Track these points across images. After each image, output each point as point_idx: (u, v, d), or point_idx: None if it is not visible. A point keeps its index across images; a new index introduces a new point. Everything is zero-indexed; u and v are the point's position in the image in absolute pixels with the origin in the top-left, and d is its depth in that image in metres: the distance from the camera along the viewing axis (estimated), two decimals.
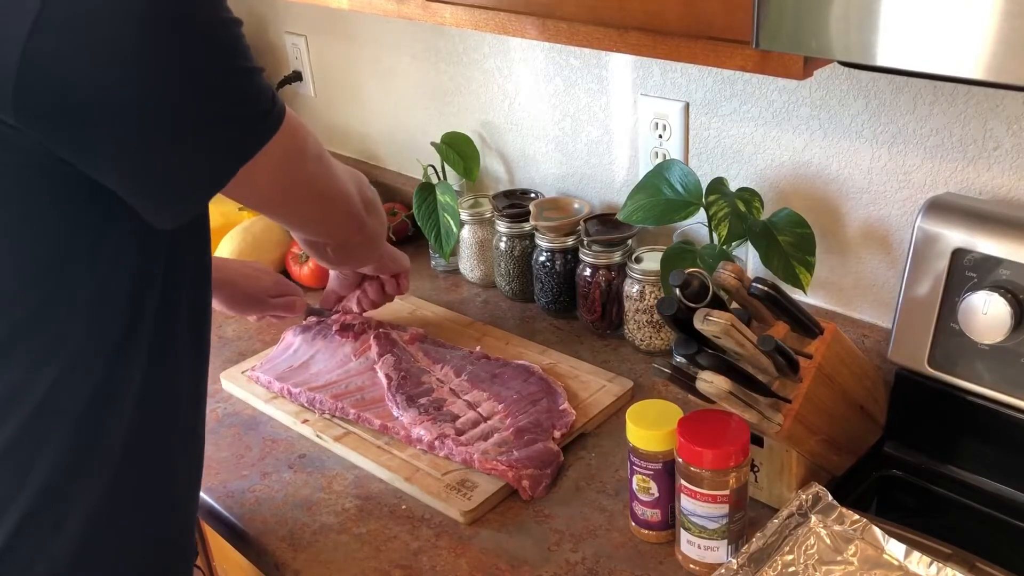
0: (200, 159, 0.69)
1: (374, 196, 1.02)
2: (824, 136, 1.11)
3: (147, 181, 0.69)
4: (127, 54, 0.62)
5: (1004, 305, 0.88)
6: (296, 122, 0.77)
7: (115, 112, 0.64)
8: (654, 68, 1.25)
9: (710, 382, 0.83)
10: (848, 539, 0.83)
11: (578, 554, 0.94)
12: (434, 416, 1.11)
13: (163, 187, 0.70)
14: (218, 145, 0.69)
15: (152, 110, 0.64)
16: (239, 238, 1.49)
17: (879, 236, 1.10)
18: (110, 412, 0.76)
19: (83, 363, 0.73)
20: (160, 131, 0.66)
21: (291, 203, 0.85)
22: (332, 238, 1.01)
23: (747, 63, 0.78)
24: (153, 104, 0.64)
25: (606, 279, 1.28)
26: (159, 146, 0.67)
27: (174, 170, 0.69)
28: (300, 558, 0.97)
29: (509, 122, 1.50)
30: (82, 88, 0.62)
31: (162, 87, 0.64)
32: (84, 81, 0.62)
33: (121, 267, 0.73)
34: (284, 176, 0.79)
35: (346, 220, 0.95)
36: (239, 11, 0.71)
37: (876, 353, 1.10)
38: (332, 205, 0.90)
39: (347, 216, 0.94)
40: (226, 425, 1.19)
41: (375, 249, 1.10)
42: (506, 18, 0.96)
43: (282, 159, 0.76)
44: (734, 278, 0.90)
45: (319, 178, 0.85)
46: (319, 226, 0.96)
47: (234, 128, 0.70)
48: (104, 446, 0.76)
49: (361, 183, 0.99)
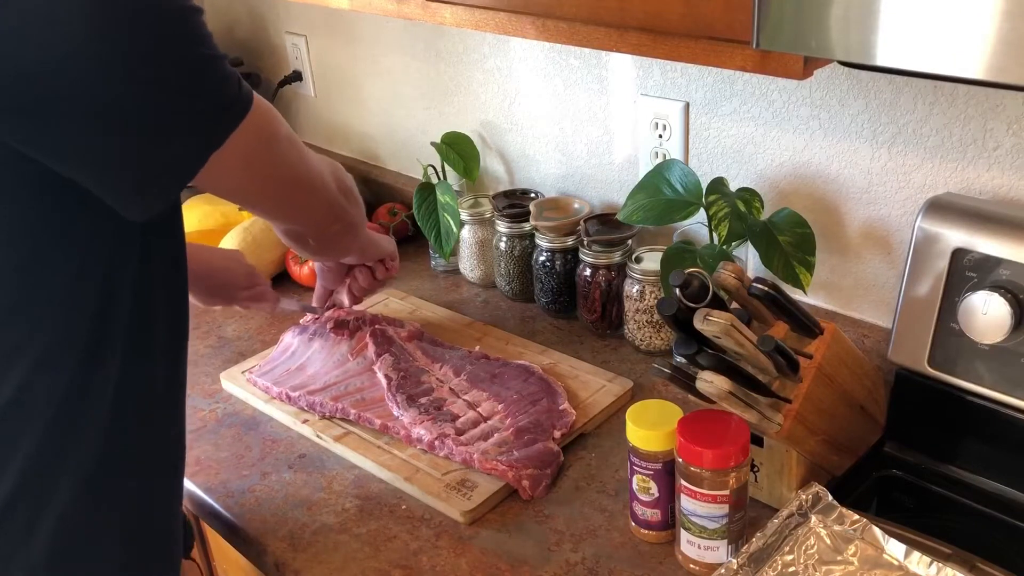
0: (165, 150, 0.68)
1: (351, 183, 1.02)
2: (824, 136, 1.11)
3: (110, 174, 0.68)
4: (76, 44, 0.62)
5: (1004, 305, 0.88)
6: (265, 107, 0.76)
7: (69, 104, 0.63)
8: (654, 68, 1.25)
9: (710, 382, 0.83)
10: (848, 539, 0.83)
11: (578, 554, 0.94)
12: (434, 416, 1.11)
13: (128, 179, 0.69)
14: (182, 135, 0.69)
15: (105, 102, 0.64)
16: (239, 238, 1.49)
17: (879, 236, 1.10)
18: (84, 410, 0.76)
19: (55, 361, 0.73)
20: (117, 123, 0.65)
21: (267, 191, 0.84)
22: (311, 226, 1.00)
23: (747, 63, 0.78)
24: (106, 95, 0.64)
25: (606, 279, 1.28)
26: (119, 138, 0.66)
27: (138, 162, 0.68)
28: (300, 558, 0.97)
29: (509, 122, 1.50)
30: (33, 79, 0.62)
31: (114, 78, 0.63)
32: (35, 72, 0.61)
33: (93, 262, 0.73)
34: (257, 163, 0.78)
35: (324, 207, 0.94)
36: (240, 11, 0.71)
37: (876, 353, 1.10)
38: (308, 191, 0.90)
39: (325, 203, 0.94)
40: (226, 425, 1.19)
41: (356, 237, 1.09)
42: (506, 18, 0.96)
43: (253, 145, 0.75)
44: (734, 278, 0.90)
45: (293, 163, 0.84)
46: (297, 213, 0.95)
47: (198, 117, 0.69)
48: (78, 445, 0.76)
49: (336, 170, 0.99)
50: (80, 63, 0.62)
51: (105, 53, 0.63)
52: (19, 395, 0.72)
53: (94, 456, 0.76)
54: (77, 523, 0.77)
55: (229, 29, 1.97)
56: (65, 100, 0.63)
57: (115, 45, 0.63)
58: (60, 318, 0.73)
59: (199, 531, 1.21)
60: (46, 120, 0.64)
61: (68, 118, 0.64)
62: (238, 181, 0.79)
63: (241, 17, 1.93)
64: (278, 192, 0.86)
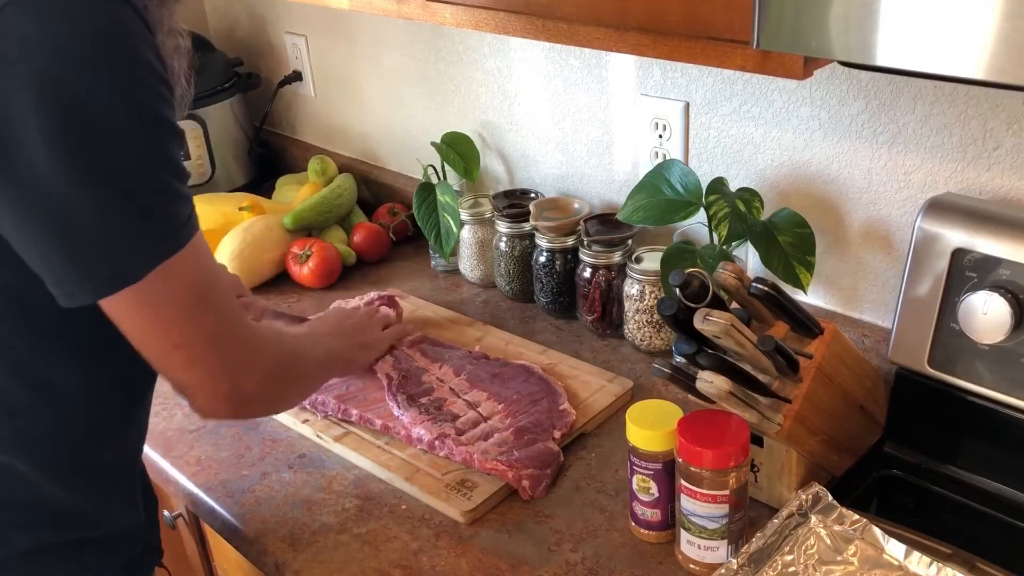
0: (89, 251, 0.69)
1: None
2: (824, 136, 1.11)
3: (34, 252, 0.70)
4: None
5: (1004, 305, 0.88)
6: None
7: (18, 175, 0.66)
8: (654, 68, 1.25)
9: (710, 382, 0.83)
10: (848, 539, 0.83)
11: (578, 554, 0.94)
12: (434, 416, 1.11)
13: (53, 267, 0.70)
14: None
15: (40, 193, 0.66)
16: (239, 238, 1.49)
17: (879, 236, 1.10)
18: (49, 412, 0.76)
19: (16, 363, 0.75)
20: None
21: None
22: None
23: (747, 63, 0.78)
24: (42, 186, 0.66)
25: (606, 279, 1.28)
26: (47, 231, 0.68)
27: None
28: (300, 558, 0.97)
29: (509, 122, 1.50)
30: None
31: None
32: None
33: None
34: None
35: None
36: (240, 11, 0.71)
37: (876, 353, 1.10)
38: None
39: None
40: (226, 425, 1.18)
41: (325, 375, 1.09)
42: (506, 18, 0.96)
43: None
44: (734, 278, 0.90)
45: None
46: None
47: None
48: (44, 447, 0.77)
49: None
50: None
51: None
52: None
53: (62, 457, 0.81)
54: (48, 526, 0.80)
55: (229, 29, 1.97)
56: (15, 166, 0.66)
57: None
58: (20, 318, 0.75)
59: (199, 531, 1.22)
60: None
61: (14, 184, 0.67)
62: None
63: (241, 17, 1.93)
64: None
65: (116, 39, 0.66)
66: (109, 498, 0.86)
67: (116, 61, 0.66)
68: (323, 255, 1.50)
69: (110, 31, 0.66)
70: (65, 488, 0.81)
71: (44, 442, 0.79)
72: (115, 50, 0.66)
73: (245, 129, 1.88)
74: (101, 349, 0.79)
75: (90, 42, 0.65)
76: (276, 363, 0.86)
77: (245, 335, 0.82)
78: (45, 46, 0.63)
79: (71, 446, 0.81)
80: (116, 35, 0.66)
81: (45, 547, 0.81)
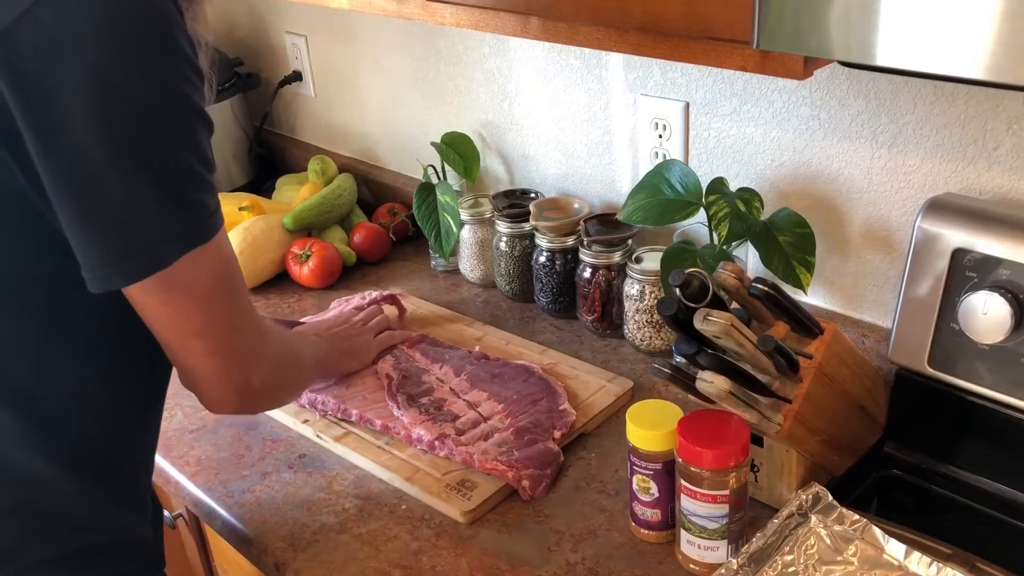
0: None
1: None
2: (824, 136, 1.11)
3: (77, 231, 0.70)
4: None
5: (1004, 305, 0.88)
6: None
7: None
8: (654, 68, 1.25)
9: (710, 382, 0.83)
10: (848, 539, 0.83)
11: (578, 554, 0.94)
12: (434, 416, 1.11)
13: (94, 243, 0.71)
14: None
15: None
16: (239, 238, 1.49)
17: (879, 236, 1.10)
18: (71, 410, 0.76)
19: (39, 362, 0.75)
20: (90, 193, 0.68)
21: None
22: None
23: (747, 63, 0.78)
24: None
25: (606, 279, 1.28)
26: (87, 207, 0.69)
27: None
28: (300, 558, 0.97)
29: (509, 122, 1.50)
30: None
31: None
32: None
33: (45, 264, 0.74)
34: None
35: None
36: (240, 11, 0.72)
37: (876, 353, 1.10)
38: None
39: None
40: (226, 425, 1.18)
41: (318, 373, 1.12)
42: (506, 18, 0.96)
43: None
44: (734, 278, 0.90)
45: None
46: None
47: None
48: (64, 445, 0.77)
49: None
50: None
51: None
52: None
53: (64, 459, 0.79)
54: (46, 527, 0.80)
55: (229, 29, 1.97)
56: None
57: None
58: (11, 319, 0.75)
59: (199, 531, 1.22)
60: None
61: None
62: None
63: (241, 17, 1.93)
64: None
65: (157, 25, 0.68)
66: (122, 505, 0.86)
67: (155, 47, 0.68)
68: (323, 255, 1.50)
69: (151, 16, 0.68)
70: (82, 492, 0.81)
71: (64, 440, 0.79)
72: (155, 36, 0.68)
73: (245, 129, 1.88)
74: (120, 348, 0.81)
75: (130, 25, 0.66)
76: (279, 357, 0.90)
77: (259, 328, 0.85)
78: (91, 29, 0.65)
79: (90, 445, 0.82)
80: (157, 21, 0.68)
81: (61, 556, 0.80)
